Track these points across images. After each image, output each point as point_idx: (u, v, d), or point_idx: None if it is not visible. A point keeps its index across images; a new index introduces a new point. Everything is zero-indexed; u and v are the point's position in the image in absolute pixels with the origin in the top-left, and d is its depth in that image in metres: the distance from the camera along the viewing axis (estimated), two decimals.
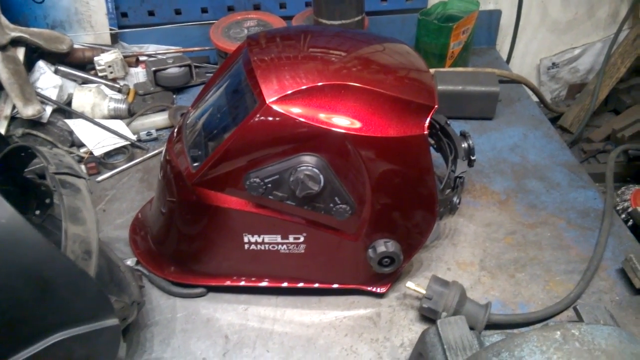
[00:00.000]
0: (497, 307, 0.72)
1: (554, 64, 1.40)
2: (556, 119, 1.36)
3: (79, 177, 0.57)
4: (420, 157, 0.65)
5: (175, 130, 0.75)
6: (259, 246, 0.69)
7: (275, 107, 0.59)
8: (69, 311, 0.49)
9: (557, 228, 0.83)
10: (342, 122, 0.61)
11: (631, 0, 1.30)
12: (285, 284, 0.73)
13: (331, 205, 0.64)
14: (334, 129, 0.60)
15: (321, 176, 0.62)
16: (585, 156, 1.31)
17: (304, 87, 0.60)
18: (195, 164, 0.67)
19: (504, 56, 1.30)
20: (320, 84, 0.61)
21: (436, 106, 0.64)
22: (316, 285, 0.73)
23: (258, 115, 0.60)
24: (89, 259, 0.52)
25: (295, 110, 0.60)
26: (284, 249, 0.69)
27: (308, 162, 0.61)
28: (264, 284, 0.73)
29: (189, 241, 0.73)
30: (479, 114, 1.05)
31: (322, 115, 0.60)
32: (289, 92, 0.60)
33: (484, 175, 0.93)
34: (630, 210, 1.04)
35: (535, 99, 1.19)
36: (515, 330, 0.69)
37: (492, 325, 0.68)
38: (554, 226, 0.84)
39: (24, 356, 0.48)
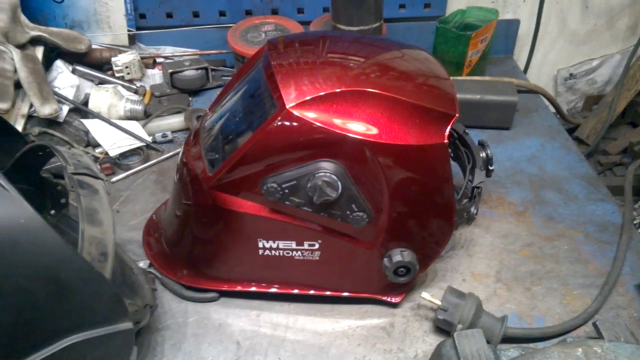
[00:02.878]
0: (513, 321, 0.71)
1: (571, 74, 1.39)
2: (572, 130, 1.35)
3: (97, 178, 0.57)
4: (439, 166, 0.64)
5: (193, 133, 0.74)
6: (273, 252, 0.68)
7: (294, 112, 0.59)
8: (84, 314, 0.48)
9: (575, 241, 0.82)
10: (360, 128, 0.60)
11: None
12: (296, 291, 0.72)
13: (348, 212, 0.64)
14: (352, 135, 0.60)
15: (339, 183, 0.61)
16: (601, 169, 1.29)
17: (323, 93, 0.60)
18: (212, 168, 0.66)
19: (522, 66, 1.29)
20: (339, 90, 0.60)
21: (457, 115, 0.64)
22: (328, 293, 0.72)
23: (277, 120, 0.59)
24: (105, 262, 0.51)
25: (314, 116, 0.59)
26: (299, 255, 0.68)
27: (326, 169, 0.61)
28: (274, 289, 0.72)
29: (203, 245, 0.73)
30: (497, 124, 1.04)
31: (341, 122, 0.60)
32: (309, 97, 0.59)
33: (500, 186, 0.92)
34: None
35: (552, 109, 1.17)
36: (532, 345, 0.68)
37: (508, 339, 0.67)
38: (572, 239, 0.82)
39: (38, 358, 0.47)
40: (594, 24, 1.31)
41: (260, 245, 0.68)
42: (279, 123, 0.60)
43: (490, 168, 0.79)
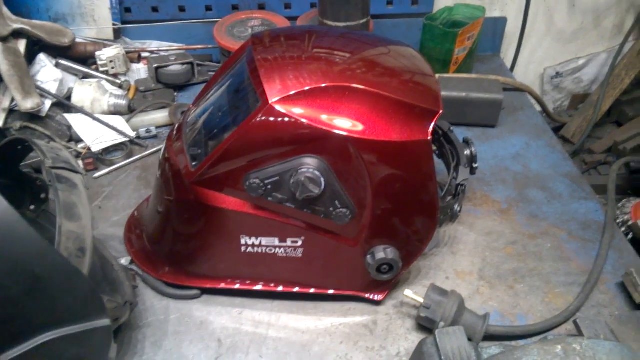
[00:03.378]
0: (496, 318, 0.71)
1: (557, 73, 1.40)
2: (558, 129, 1.36)
3: (75, 172, 0.56)
4: (423, 163, 0.64)
5: (176, 128, 0.74)
6: (256, 249, 0.68)
7: (277, 107, 0.58)
8: (59, 310, 0.48)
9: (558, 239, 0.82)
10: (344, 124, 0.60)
11: (637, 12, 1.30)
12: (280, 288, 0.72)
13: (331, 209, 0.63)
14: (336, 131, 0.59)
15: (322, 179, 0.61)
16: (586, 167, 1.30)
17: (307, 88, 0.59)
18: (195, 163, 0.66)
19: (508, 64, 1.30)
20: (323, 85, 0.60)
21: (441, 111, 0.63)
22: (312, 290, 0.72)
23: (260, 115, 0.59)
24: (83, 257, 0.51)
25: (298, 111, 0.59)
26: (282, 252, 0.68)
27: (309, 164, 0.60)
28: (258, 287, 0.72)
29: (185, 241, 0.72)
30: (482, 121, 1.04)
31: (324, 117, 0.59)
32: (292, 92, 0.59)
33: (485, 184, 0.92)
34: (630, 223, 1.03)
35: (538, 108, 1.18)
36: (513, 343, 0.68)
37: (490, 337, 0.67)
38: (555, 237, 0.83)
39: (13, 355, 0.46)
40: (581, 23, 1.32)
41: (243, 242, 0.67)
42: (262, 118, 0.59)
43: (475, 166, 0.80)
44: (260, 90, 0.60)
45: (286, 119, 0.59)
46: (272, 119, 0.59)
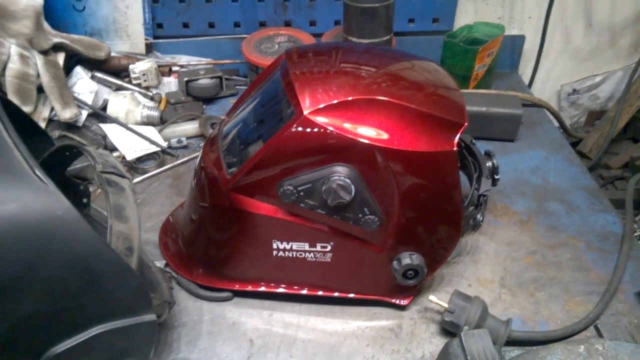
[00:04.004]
0: (517, 325, 0.73)
1: (574, 90, 1.42)
2: (575, 144, 1.38)
3: (123, 177, 0.59)
4: (448, 173, 0.67)
5: (211, 138, 0.77)
6: (287, 253, 0.71)
7: (311, 118, 0.62)
8: (111, 304, 0.51)
9: (577, 250, 0.85)
10: (373, 134, 0.63)
11: None
12: (305, 291, 0.74)
13: (360, 215, 0.66)
14: (365, 141, 0.62)
15: (352, 186, 0.64)
16: (603, 182, 1.32)
17: (337, 101, 0.63)
18: (230, 171, 0.69)
19: (526, 81, 1.32)
20: (352, 98, 0.63)
21: (466, 124, 0.67)
22: (336, 294, 0.74)
23: (295, 126, 0.62)
24: (131, 255, 0.54)
25: (329, 122, 0.62)
26: (311, 257, 0.71)
27: (340, 173, 0.64)
28: (282, 289, 0.74)
29: (219, 246, 0.75)
30: (502, 136, 1.07)
31: (354, 128, 0.63)
32: (325, 104, 0.62)
33: (505, 196, 0.95)
34: None
35: (556, 123, 1.20)
36: (535, 348, 0.70)
37: (512, 342, 0.69)
38: (574, 248, 0.85)
39: (67, 345, 0.50)
40: (597, 41, 1.34)
41: (275, 246, 0.71)
42: (296, 129, 0.62)
43: (496, 177, 0.82)
44: (295, 102, 0.64)
45: (318, 130, 0.62)
46: (305, 129, 0.63)
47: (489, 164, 0.82)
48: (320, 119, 0.62)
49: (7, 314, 0.46)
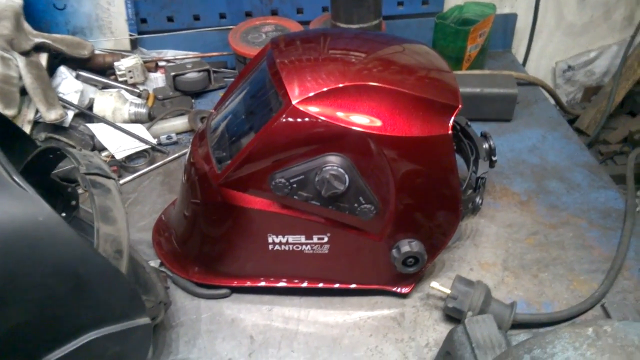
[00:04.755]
0: (522, 307, 0.72)
1: (569, 66, 1.40)
2: (572, 121, 1.36)
3: (108, 177, 0.57)
4: (444, 157, 0.65)
5: (199, 133, 0.75)
6: (283, 247, 0.69)
7: (300, 107, 0.60)
8: (103, 309, 0.49)
9: (579, 228, 0.83)
10: (365, 121, 0.61)
11: None
12: (305, 284, 0.73)
13: (356, 205, 0.65)
14: (357, 128, 0.61)
15: (346, 176, 0.62)
16: (602, 158, 1.30)
17: (328, 88, 0.61)
18: (220, 165, 0.67)
19: (520, 59, 1.30)
20: (343, 85, 0.61)
21: (460, 106, 0.65)
22: (336, 285, 0.73)
23: (284, 116, 0.61)
24: (121, 258, 0.52)
25: (319, 111, 0.60)
26: (308, 249, 0.69)
27: (333, 162, 0.62)
28: (283, 284, 0.73)
29: (213, 242, 0.74)
30: (497, 116, 1.05)
31: (345, 115, 0.61)
32: (313, 93, 0.60)
33: (503, 177, 0.93)
34: None
35: (552, 101, 1.19)
36: (541, 330, 0.69)
37: (517, 325, 0.68)
38: (576, 226, 0.83)
39: (59, 354, 0.48)
40: (591, 16, 1.32)
41: (270, 240, 0.69)
42: (285, 119, 0.61)
43: (494, 159, 0.81)
44: (283, 92, 0.62)
45: (308, 119, 0.60)
46: (294, 119, 0.61)
47: (485, 145, 0.81)
48: (310, 108, 0.60)
49: None
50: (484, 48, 1.15)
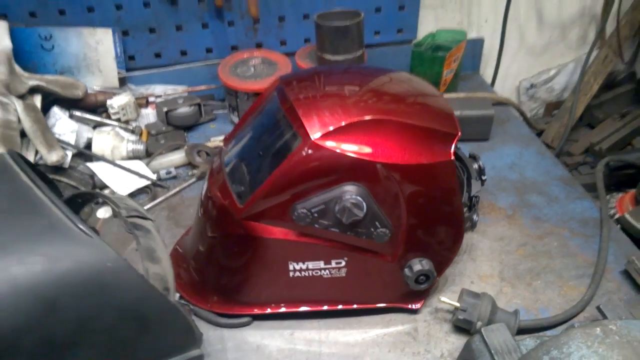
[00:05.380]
0: (521, 314, 0.77)
1: (532, 84, 1.51)
2: (537, 136, 1.46)
3: (146, 218, 0.61)
4: (448, 181, 0.71)
5: (213, 168, 0.79)
6: (303, 273, 0.74)
7: (319, 142, 0.65)
8: (162, 344, 0.52)
9: (562, 237, 0.91)
10: (378, 152, 0.66)
11: (598, 24, 1.43)
12: (325, 307, 0.77)
13: (372, 229, 0.70)
14: (371, 159, 0.66)
15: (364, 203, 0.67)
16: (567, 169, 1.40)
17: (344, 123, 0.66)
18: (241, 199, 0.71)
19: (488, 80, 1.40)
20: (356, 120, 0.67)
21: (459, 134, 0.71)
22: (355, 306, 0.78)
23: (303, 151, 0.65)
24: (169, 295, 0.56)
25: (337, 145, 0.65)
26: (327, 273, 0.74)
27: (351, 191, 0.67)
28: (304, 308, 0.77)
29: (233, 273, 0.77)
30: (476, 136, 1.13)
31: (360, 148, 0.66)
32: (331, 128, 0.65)
33: (489, 193, 1.00)
34: (617, 217, 1.13)
35: (521, 118, 1.28)
36: (541, 333, 0.75)
37: (520, 331, 0.74)
38: (559, 236, 0.91)
39: None
40: (549, 37, 1.43)
41: (291, 267, 0.73)
42: (305, 153, 0.65)
43: (484, 178, 0.87)
44: (301, 128, 0.66)
45: (327, 153, 0.65)
46: (314, 153, 0.65)
47: (475, 166, 0.87)
48: (327, 143, 0.65)
49: None
50: (457, 72, 1.23)
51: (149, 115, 1.17)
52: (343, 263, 0.73)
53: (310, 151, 0.65)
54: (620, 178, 1.28)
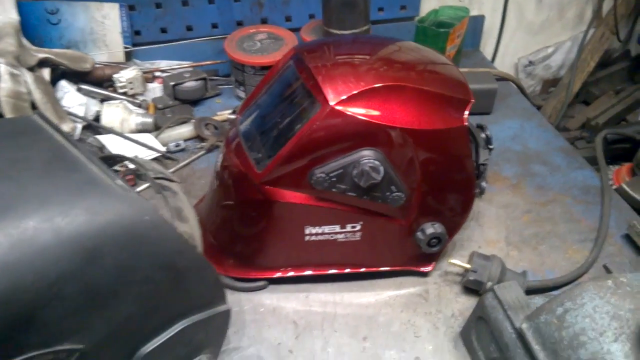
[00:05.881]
0: (529, 276, 0.81)
1: (530, 62, 1.53)
2: None
3: (172, 180, 0.62)
4: (461, 146, 0.73)
5: (228, 138, 0.80)
6: (319, 237, 0.76)
7: (338, 108, 0.67)
8: (194, 298, 0.54)
9: (566, 204, 0.94)
10: (395, 118, 0.68)
11: (595, 3, 1.45)
12: (344, 270, 0.79)
13: (387, 194, 0.72)
14: (389, 124, 0.68)
15: (381, 167, 0.69)
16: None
17: (360, 90, 0.68)
18: (259, 165, 0.73)
19: (488, 57, 1.42)
20: (373, 86, 0.68)
21: (472, 100, 0.74)
22: (362, 269, 0.80)
23: (322, 117, 0.67)
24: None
25: (354, 110, 0.67)
26: (342, 237, 0.76)
27: (369, 156, 0.69)
28: (320, 272, 0.79)
29: (250, 239, 0.79)
30: (480, 110, 1.15)
31: (377, 113, 0.68)
32: (349, 94, 0.67)
33: (494, 164, 1.03)
34: (615, 187, 1.17)
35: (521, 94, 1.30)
36: (566, 289, 0.78)
37: (527, 291, 0.77)
38: (563, 203, 0.94)
39: (156, 343, 0.53)
40: (547, 15, 1.46)
41: (307, 232, 0.75)
42: (324, 119, 0.67)
43: (491, 147, 0.90)
44: (320, 95, 0.68)
45: (346, 118, 0.67)
46: (333, 119, 0.67)
47: (483, 135, 0.90)
48: (347, 108, 0.67)
49: (107, 318, 0.48)
50: (459, 48, 1.25)
51: (156, 89, 1.18)
52: (358, 227, 0.75)
53: (329, 117, 0.67)
54: (616, 152, 1.31)
